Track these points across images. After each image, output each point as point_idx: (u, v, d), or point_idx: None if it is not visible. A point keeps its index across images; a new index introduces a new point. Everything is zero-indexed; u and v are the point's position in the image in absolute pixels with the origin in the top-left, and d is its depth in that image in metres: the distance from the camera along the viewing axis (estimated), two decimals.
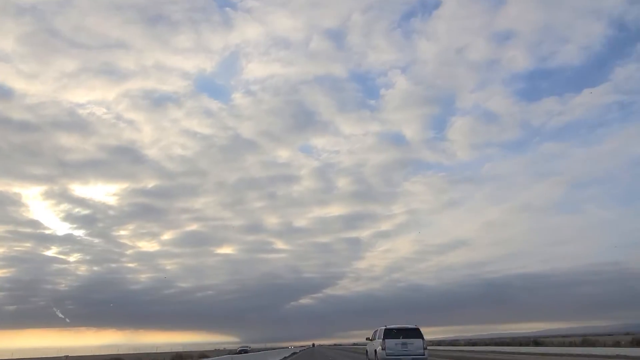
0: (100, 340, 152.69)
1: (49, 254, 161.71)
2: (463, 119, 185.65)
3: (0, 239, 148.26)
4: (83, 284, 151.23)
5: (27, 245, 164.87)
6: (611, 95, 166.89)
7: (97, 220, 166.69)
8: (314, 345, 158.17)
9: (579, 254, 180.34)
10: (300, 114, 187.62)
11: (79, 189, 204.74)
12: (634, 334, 57.81)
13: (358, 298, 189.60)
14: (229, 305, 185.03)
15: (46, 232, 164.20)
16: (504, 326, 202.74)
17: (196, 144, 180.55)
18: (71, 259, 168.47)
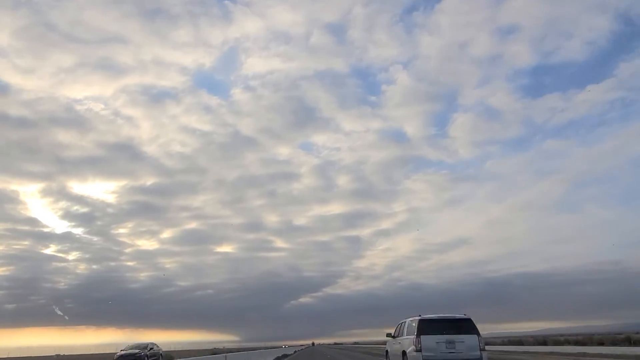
0: (99, 338, 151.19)
1: (48, 252, 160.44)
2: (465, 116, 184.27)
3: None
4: (82, 282, 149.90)
5: (26, 243, 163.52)
6: (615, 91, 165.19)
7: (96, 218, 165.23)
8: (313, 344, 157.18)
9: (580, 253, 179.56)
10: (300, 111, 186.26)
11: (77, 187, 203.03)
12: (637, 332, 56.90)
13: (358, 297, 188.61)
14: (228, 304, 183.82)
15: (44, 230, 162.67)
16: (505, 325, 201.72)
17: (195, 140, 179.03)
18: (70, 257, 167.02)
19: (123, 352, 29.66)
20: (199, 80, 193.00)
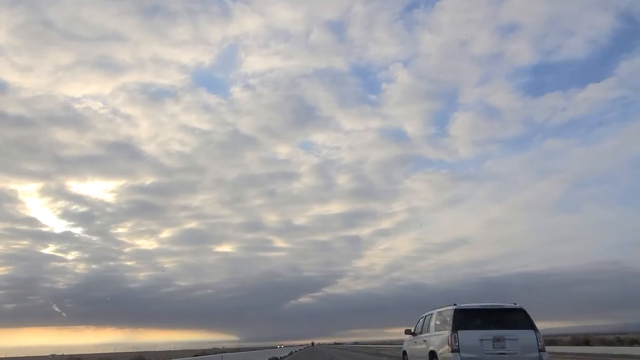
0: (99, 338, 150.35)
1: (47, 251, 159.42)
2: (465, 115, 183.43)
3: None
4: (81, 282, 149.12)
5: (25, 243, 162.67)
6: (616, 90, 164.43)
7: (95, 218, 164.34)
8: (313, 344, 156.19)
9: (580, 253, 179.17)
10: (300, 109, 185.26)
11: (76, 186, 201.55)
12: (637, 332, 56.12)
13: (358, 297, 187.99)
14: (228, 304, 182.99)
15: (43, 230, 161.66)
16: None
17: (194, 139, 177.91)
18: (69, 257, 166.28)
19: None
20: (198, 78, 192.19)
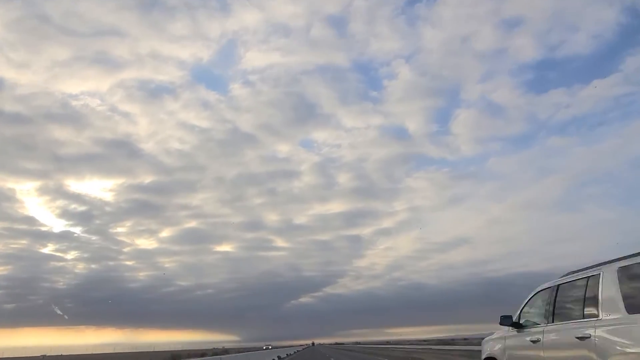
0: (99, 338, 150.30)
1: (46, 251, 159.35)
2: (468, 112, 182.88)
3: None
4: (81, 282, 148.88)
5: (23, 242, 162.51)
6: (621, 86, 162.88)
7: (94, 217, 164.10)
8: (313, 344, 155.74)
9: (582, 252, 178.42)
10: (300, 107, 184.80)
11: (75, 185, 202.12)
12: None
13: (358, 297, 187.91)
14: (228, 304, 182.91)
15: (42, 229, 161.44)
16: None
17: (194, 137, 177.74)
18: (68, 256, 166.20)
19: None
20: (197, 74, 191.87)
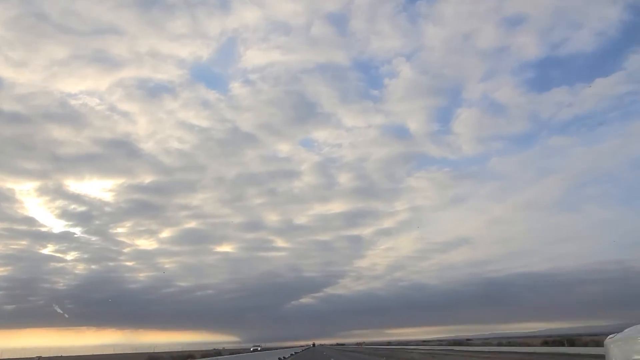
0: (100, 339, 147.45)
1: (46, 252, 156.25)
2: (469, 111, 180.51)
3: None
4: (81, 283, 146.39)
5: (23, 243, 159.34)
6: (624, 85, 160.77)
7: (94, 218, 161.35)
8: (314, 345, 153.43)
9: (583, 252, 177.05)
10: (301, 106, 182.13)
11: (74, 185, 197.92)
12: None
13: (359, 297, 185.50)
14: (228, 305, 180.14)
15: (42, 230, 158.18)
16: (507, 326, 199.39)
17: (194, 137, 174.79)
18: (68, 257, 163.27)
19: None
20: (197, 73, 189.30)
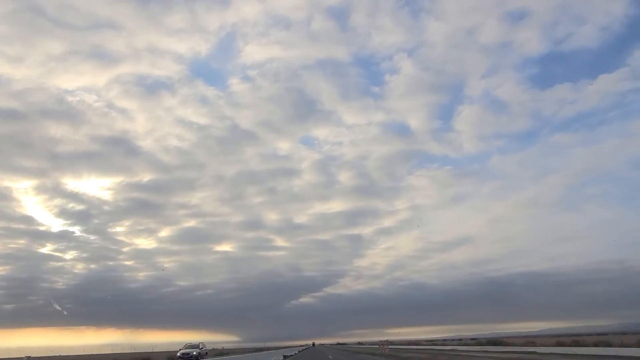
0: (99, 339, 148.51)
1: (44, 251, 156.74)
2: (471, 108, 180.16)
3: None
4: (80, 282, 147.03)
5: (21, 242, 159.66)
6: (628, 82, 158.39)
7: (92, 216, 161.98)
8: (314, 344, 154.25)
9: (583, 252, 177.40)
10: (301, 103, 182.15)
11: (72, 183, 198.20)
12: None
13: (359, 297, 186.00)
14: (228, 304, 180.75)
15: (40, 229, 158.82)
16: (508, 325, 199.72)
17: (192, 134, 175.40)
18: (67, 256, 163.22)
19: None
20: (195, 69, 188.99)
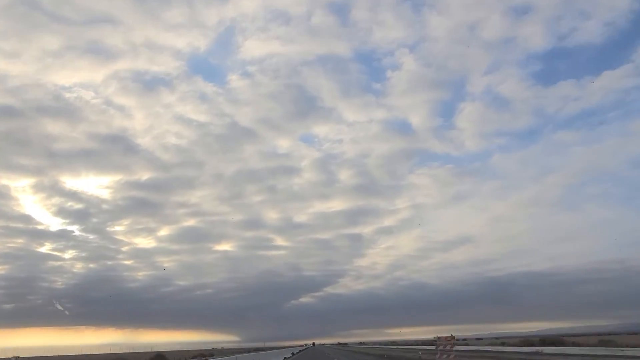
0: (99, 339, 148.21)
1: (43, 250, 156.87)
2: (473, 105, 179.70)
3: None
4: (80, 281, 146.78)
5: (20, 241, 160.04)
6: (631, 79, 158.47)
7: (91, 215, 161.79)
8: (314, 344, 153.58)
9: (584, 251, 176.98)
10: (301, 100, 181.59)
11: (70, 182, 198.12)
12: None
13: (359, 297, 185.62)
14: (228, 304, 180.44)
15: (39, 228, 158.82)
16: (508, 325, 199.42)
17: (191, 132, 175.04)
18: (66, 255, 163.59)
19: None
20: (194, 65, 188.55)
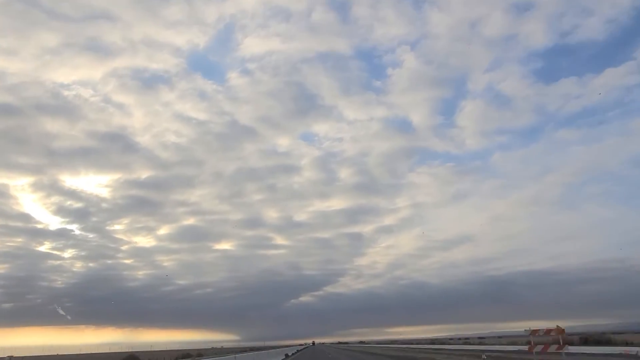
0: (99, 338, 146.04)
1: (43, 249, 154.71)
2: (474, 103, 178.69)
3: None
4: (79, 280, 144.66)
5: (19, 240, 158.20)
6: (634, 76, 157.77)
7: (90, 214, 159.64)
8: (314, 343, 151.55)
9: (585, 250, 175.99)
10: (301, 97, 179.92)
11: (70, 180, 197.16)
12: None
13: (359, 296, 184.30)
14: (228, 303, 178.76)
15: (38, 227, 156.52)
16: (508, 324, 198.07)
17: (191, 130, 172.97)
18: (66, 254, 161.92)
19: None
20: (193, 62, 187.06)
